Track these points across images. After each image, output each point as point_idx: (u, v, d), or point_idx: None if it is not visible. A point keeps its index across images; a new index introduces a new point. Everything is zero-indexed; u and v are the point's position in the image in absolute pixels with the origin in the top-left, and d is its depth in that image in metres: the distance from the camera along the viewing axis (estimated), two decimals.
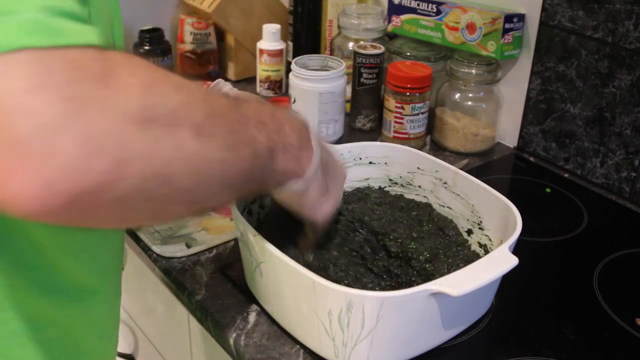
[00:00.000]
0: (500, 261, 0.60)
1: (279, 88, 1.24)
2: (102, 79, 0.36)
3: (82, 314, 0.58)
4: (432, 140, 1.10)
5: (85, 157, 0.35)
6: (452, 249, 0.72)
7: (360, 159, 0.81)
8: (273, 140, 0.52)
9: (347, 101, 1.11)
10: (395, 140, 1.04)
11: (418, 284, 0.65)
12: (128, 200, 0.39)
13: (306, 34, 1.25)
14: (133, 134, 0.37)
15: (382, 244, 0.71)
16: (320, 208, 0.62)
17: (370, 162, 0.81)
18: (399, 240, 0.70)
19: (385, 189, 0.82)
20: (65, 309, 0.56)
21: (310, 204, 0.61)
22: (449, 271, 0.68)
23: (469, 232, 0.75)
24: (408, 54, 1.11)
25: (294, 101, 1.05)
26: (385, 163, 0.81)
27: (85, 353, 0.60)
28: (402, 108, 1.02)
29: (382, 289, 0.68)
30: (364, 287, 0.68)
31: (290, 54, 1.26)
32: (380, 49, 1.08)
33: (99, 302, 0.60)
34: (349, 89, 1.10)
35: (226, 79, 1.24)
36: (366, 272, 0.70)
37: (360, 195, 0.79)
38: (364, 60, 1.07)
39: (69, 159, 0.34)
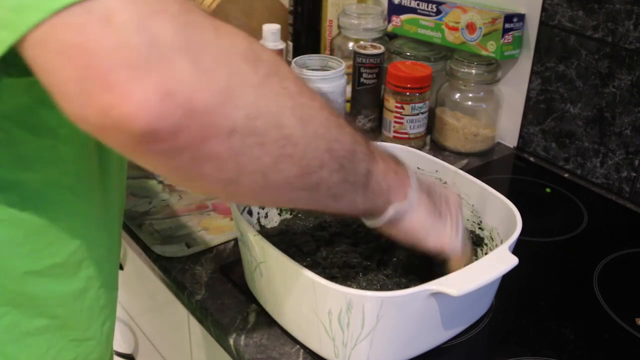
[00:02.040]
0: (500, 261, 0.60)
1: None
2: (210, 17, 0.39)
3: (74, 299, 0.58)
4: (432, 140, 1.10)
5: (201, 76, 0.37)
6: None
7: None
8: (368, 141, 0.53)
9: (347, 101, 1.11)
10: (395, 140, 1.04)
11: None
12: (240, 134, 0.39)
13: (306, 34, 1.25)
14: (243, 66, 0.40)
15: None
16: (439, 235, 0.59)
17: None
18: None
19: None
20: (57, 291, 0.56)
21: (424, 232, 0.59)
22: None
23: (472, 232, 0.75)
24: (408, 54, 1.11)
25: None
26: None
27: (78, 340, 0.59)
28: (402, 108, 1.02)
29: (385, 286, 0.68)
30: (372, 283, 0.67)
31: (290, 54, 1.26)
32: (380, 49, 1.07)
33: (92, 289, 0.60)
34: (349, 89, 1.10)
35: None
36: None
37: None
38: (364, 60, 1.07)
39: (185, 76, 0.36)
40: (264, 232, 0.74)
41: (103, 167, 0.57)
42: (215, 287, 0.74)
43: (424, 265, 0.66)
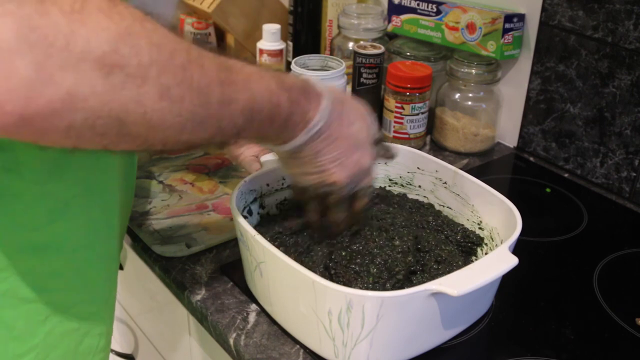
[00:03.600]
0: (500, 261, 0.60)
1: None
2: (72, 15, 0.37)
3: (74, 268, 0.58)
4: (432, 140, 1.10)
5: (38, 83, 0.37)
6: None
7: None
8: (273, 93, 0.51)
9: None
10: (395, 140, 1.04)
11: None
12: (78, 130, 0.40)
13: (306, 34, 1.25)
14: (91, 73, 0.38)
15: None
16: (329, 172, 0.59)
17: None
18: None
19: (387, 189, 0.82)
20: (55, 264, 0.56)
21: (315, 162, 0.58)
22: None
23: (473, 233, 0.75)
24: (408, 54, 1.11)
25: None
26: (385, 163, 0.81)
27: (75, 316, 0.60)
28: (402, 108, 1.02)
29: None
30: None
31: (290, 54, 1.26)
32: (380, 49, 1.07)
33: (91, 260, 0.60)
34: (349, 89, 1.10)
35: None
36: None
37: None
38: (364, 60, 1.07)
39: (22, 83, 0.36)
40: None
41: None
42: (215, 287, 0.74)
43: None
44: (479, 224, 0.74)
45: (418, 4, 1.10)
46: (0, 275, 0.53)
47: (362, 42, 1.11)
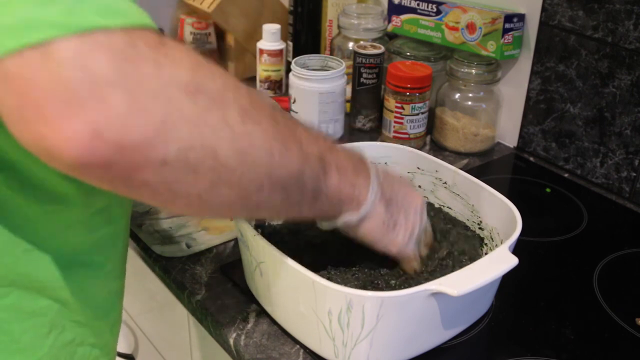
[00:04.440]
0: (500, 261, 0.60)
1: (279, 88, 1.24)
2: (157, 49, 0.40)
3: (76, 285, 0.58)
4: (432, 140, 1.10)
5: (134, 112, 0.38)
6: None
7: None
8: (325, 155, 0.53)
9: (347, 101, 1.11)
10: (395, 140, 1.04)
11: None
12: (172, 166, 0.40)
13: (306, 34, 1.25)
14: (181, 99, 0.40)
15: None
16: (389, 243, 0.62)
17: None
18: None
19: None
20: (59, 278, 0.56)
21: (376, 239, 0.61)
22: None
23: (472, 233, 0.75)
24: (408, 54, 1.11)
25: (294, 101, 1.05)
26: (385, 163, 0.81)
27: (81, 323, 0.60)
28: (402, 108, 1.02)
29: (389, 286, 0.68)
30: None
31: (290, 54, 1.26)
32: (380, 49, 1.08)
33: (97, 275, 0.60)
34: (349, 89, 1.10)
35: None
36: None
37: None
38: (364, 60, 1.07)
39: (118, 112, 0.37)
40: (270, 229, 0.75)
41: None
42: (215, 287, 0.74)
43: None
44: (479, 224, 0.74)
45: (418, 4, 1.10)
46: (3, 290, 0.53)
47: (362, 42, 1.11)
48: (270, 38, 1.19)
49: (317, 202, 0.54)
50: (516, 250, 0.63)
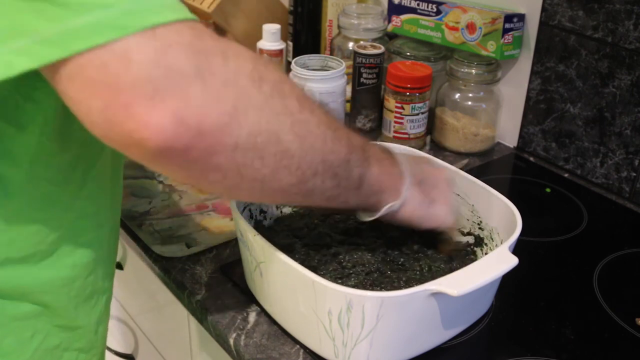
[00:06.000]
0: (500, 261, 0.60)
1: None
2: (219, 40, 0.43)
3: (60, 286, 0.58)
4: (432, 140, 1.10)
5: (210, 100, 0.41)
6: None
7: None
8: (365, 146, 0.57)
9: (347, 101, 1.11)
10: (395, 140, 1.04)
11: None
12: (242, 150, 0.44)
13: (306, 34, 1.25)
14: (248, 87, 0.44)
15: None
16: (432, 218, 0.65)
17: None
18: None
19: None
20: (41, 278, 0.56)
21: (419, 219, 0.64)
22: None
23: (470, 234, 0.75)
24: (408, 54, 1.11)
25: None
26: None
27: (65, 327, 0.60)
28: (402, 108, 1.02)
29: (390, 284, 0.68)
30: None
31: (290, 54, 1.26)
32: (380, 49, 1.07)
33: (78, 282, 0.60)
34: (349, 89, 1.10)
35: None
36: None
37: None
38: (364, 60, 1.07)
39: (197, 102, 0.41)
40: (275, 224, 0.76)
41: (90, 160, 0.58)
42: (215, 287, 0.74)
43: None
44: (479, 224, 0.74)
45: (418, 4, 1.10)
46: None
47: (362, 42, 1.11)
48: (270, 38, 1.19)
49: (361, 190, 0.57)
50: (516, 250, 0.63)
